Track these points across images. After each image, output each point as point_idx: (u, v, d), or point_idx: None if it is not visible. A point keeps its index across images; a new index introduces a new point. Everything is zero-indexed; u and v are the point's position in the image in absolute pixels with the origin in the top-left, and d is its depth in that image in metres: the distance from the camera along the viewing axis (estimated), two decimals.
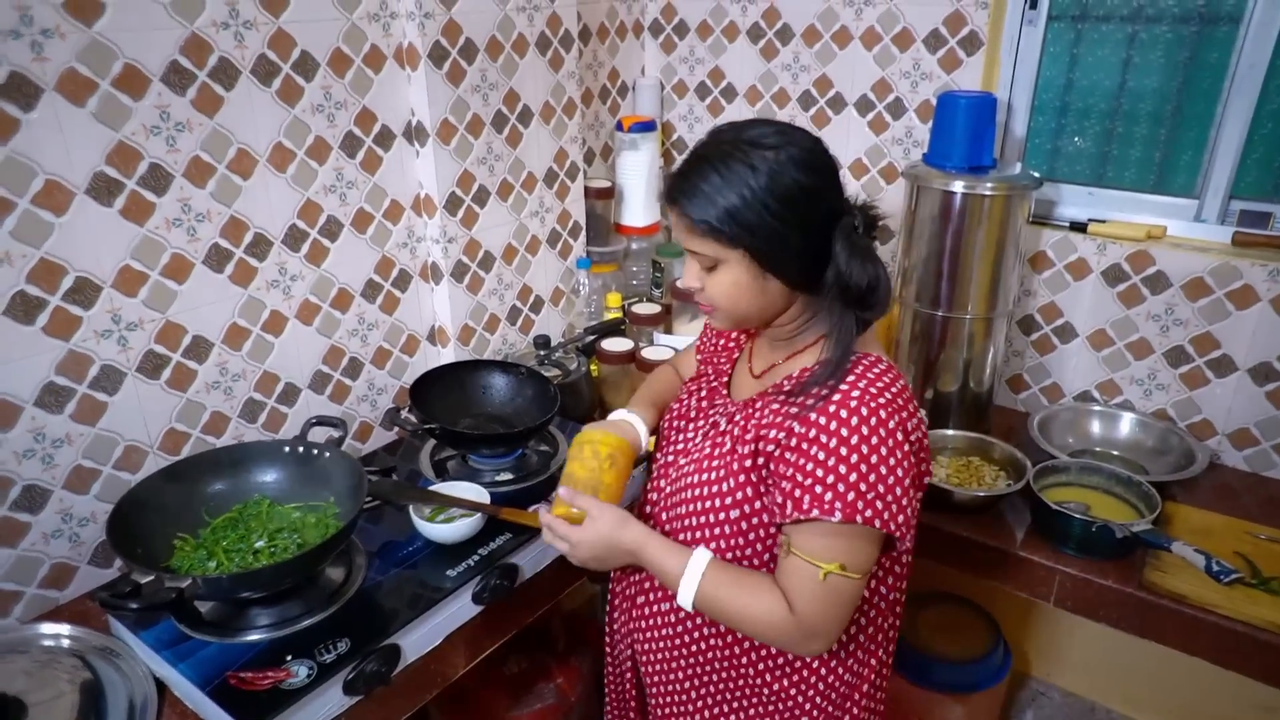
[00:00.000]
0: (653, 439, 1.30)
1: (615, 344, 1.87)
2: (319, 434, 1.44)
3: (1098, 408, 1.84)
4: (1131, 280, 1.76)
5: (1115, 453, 1.77)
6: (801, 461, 0.97)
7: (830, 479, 0.95)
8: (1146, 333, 1.77)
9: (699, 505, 1.10)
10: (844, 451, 0.95)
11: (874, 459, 0.95)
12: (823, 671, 1.13)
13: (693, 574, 1.05)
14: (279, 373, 1.57)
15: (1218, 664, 1.36)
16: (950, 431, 1.76)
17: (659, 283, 2.19)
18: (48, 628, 1.23)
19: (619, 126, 2.09)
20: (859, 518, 0.94)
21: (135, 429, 1.39)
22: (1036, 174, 1.71)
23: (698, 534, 1.10)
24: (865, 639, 1.14)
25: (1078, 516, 1.46)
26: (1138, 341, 1.79)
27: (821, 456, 0.96)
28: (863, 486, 0.94)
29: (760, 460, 1.03)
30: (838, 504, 0.94)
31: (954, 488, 1.59)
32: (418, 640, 1.25)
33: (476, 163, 1.73)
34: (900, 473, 0.96)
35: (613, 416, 1.30)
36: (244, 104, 1.39)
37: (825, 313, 1.04)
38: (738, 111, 2.14)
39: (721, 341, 1.28)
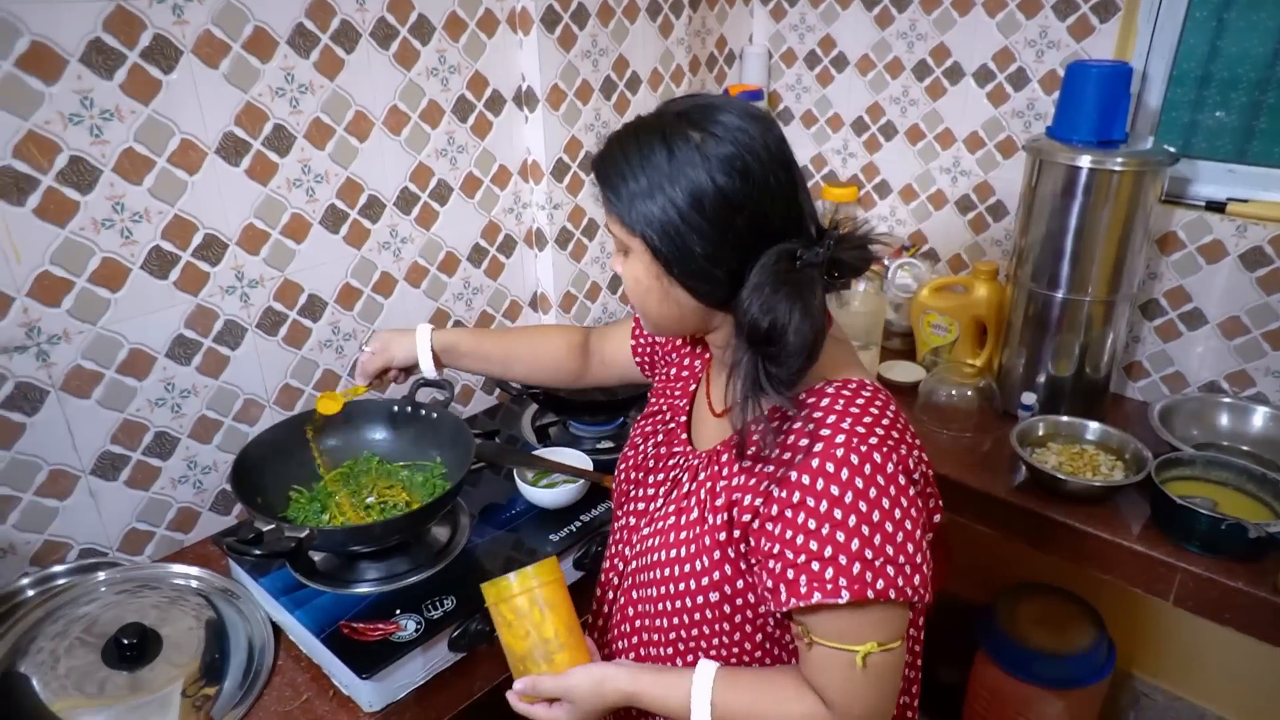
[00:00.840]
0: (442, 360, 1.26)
1: None
2: (426, 395, 1.47)
3: (1227, 399, 1.73)
4: (1275, 264, 1.64)
5: (1245, 448, 1.67)
6: (789, 534, 0.80)
7: (828, 552, 0.78)
8: None
9: (671, 589, 0.92)
10: (838, 514, 0.78)
11: (876, 516, 0.78)
12: None
13: (701, 699, 0.86)
14: None
15: None
16: (1063, 418, 1.69)
17: None
18: (178, 567, 1.29)
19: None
20: (870, 592, 0.77)
21: (254, 383, 1.44)
22: (1171, 149, 1.61)
23: (674, 620, 0.93)
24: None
25: (1205, 512, 1.38)
26: (1277, 330, 1.67)
27: (812, 525, 0.78)
28: (869, 554, 0.78)
29: (737, 533, 0.86)
30: (842, 580, 0.77)
31: (1067, 476, 1.52)
32: None
33: (584, 129, 1.72)
34: (909, 525, 0.79)
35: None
36: (363, 67, 1.41)
37: (734, 346, 0.83)
38: (847, 82, 2.08)
39: (673, 371, 1.10)
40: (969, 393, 1.74)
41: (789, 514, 0.80)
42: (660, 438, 1.04)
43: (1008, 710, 1.89)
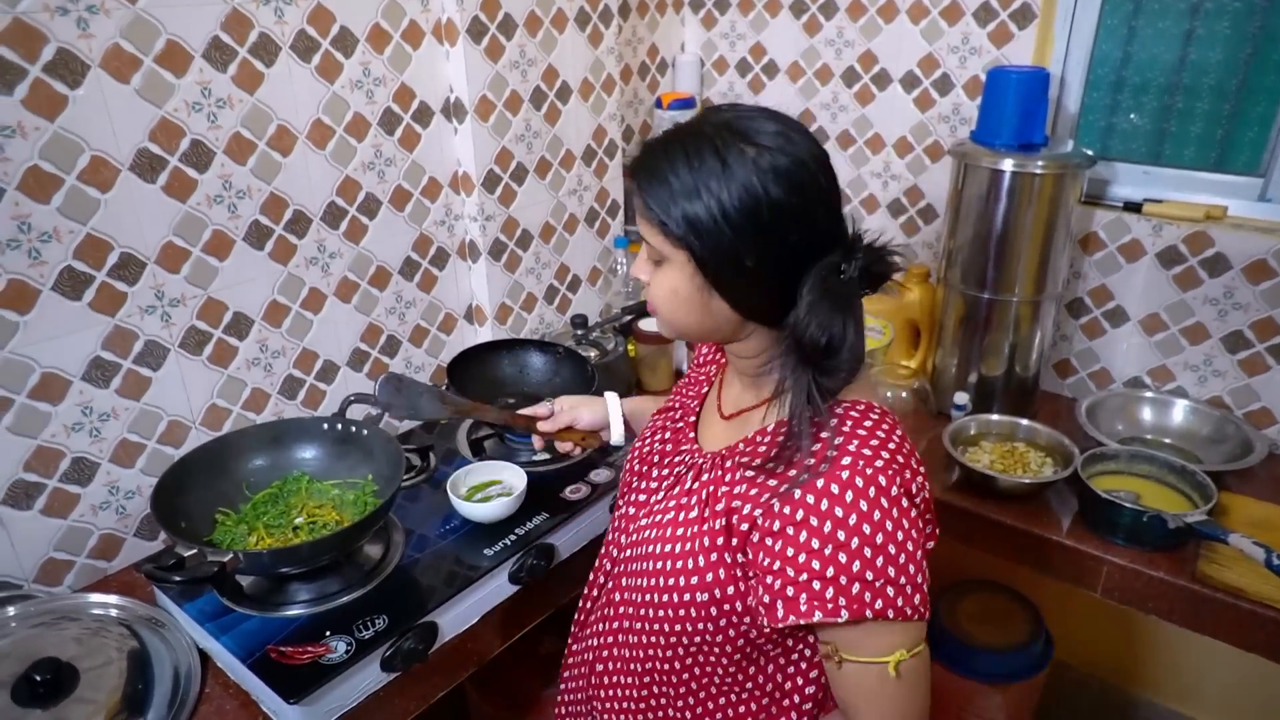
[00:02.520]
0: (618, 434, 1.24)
1: (653, 324, 1.86)
2: (357, 411, 1.45)
3: (1149, 394, 1.79)
4: (1188, 262, 1.70)
5: (1167, 441, 1.72)
6: (790, 552, 0.80)
7: (830, 571, 0.79)
8: (1203, 317, 1.71)
9: (662, 582, 0.92)
10: (841, 535, 0.79)
11: (879, 538, 0.79)
12: None
13: None
14: (318, 350, 1.58)
15: (1277, 660, 1.32)
16: (994, 416, 1.72)
17: None
18: (97, 597, 1.25)
19: (658, 104, 2.06)
20: (868, 612, 0.78)
21: (178, 404, 1.40)
22: (1089, 152, 1.66)
23: (660, 613, 0.93)
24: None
25: (1128, 505, 1.42)
26: (1193, 326, 1.73)
27: (815, 544, 0.79)
28: (869, 575, 0.78)
29: (735, 541, 0.86)
30: (842, 600, 0.78)
31: (998, 474, 1.55)
32: (454, 618, 1.25)
33: (515, 140, 1.71)
34: (911, 546, 0.80)
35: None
36: (284, 80, 1.39)
37: (781, 361, 0.86)
38: (779, 89, 2.10)
39: (692, 373, 1.13)
40: (904, 394, 1.77)
41: (791, 531, 0.80)
42: (669, 434, 1.05)
43: (949, 706, 1.92)
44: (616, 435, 1.23)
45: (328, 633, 1.16)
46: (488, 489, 1.42)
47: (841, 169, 2.07)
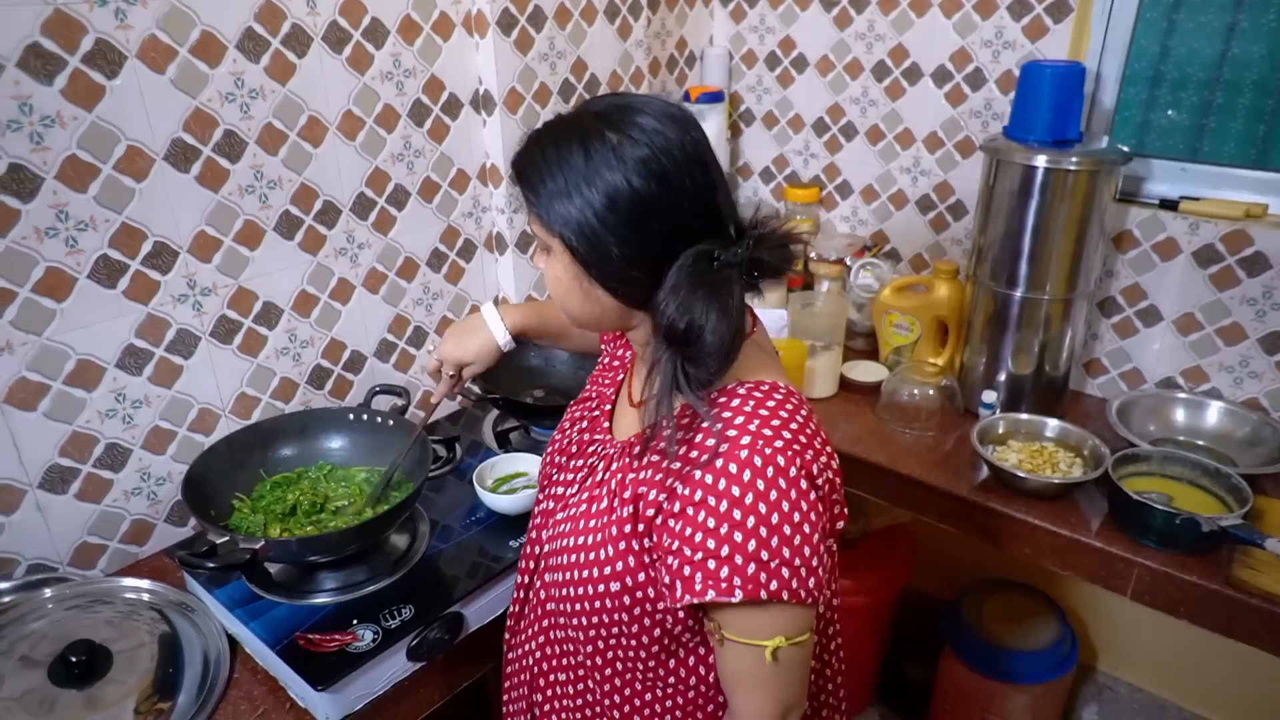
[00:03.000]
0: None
1: None
2: (383, 402, 1.46)
3: (1182, 395, 1.76)
4: (1226, 261, 1.66)
5: (1200, 443, 1.69)
6: (689, 532, 0.81)
7: (725, 551, 0.79)
8: (1240, 317, 1.68)
9: (576, 575, 0.92)
10: (738, 515, 0.79)
11: (775, 518, 0.79)
12: None
13: None
14: (345, 340, 1.59)
15: None
16: (1023, 415, 1.70)
17: None
18: (129, 581, 1.27)
19: (686, 97, 2.05)
20: (763, 593, 0.78)
21: (208, 392, 1.42)
22: (1125, 148, 1.63)
23: (579, 606, 0.93)
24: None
25: (1160, 508, 1.40)
26: (1230, 326, 1.70)
27: (712, 524, 0.79)
28: (764, 555, 0.79)
29: (641, 527, 0.86)
30: (737, 580, 0.79)
31: (1027, 474, 1.54)
32: (480, 609, 1.26)
33: None
34: (808, 529, 0.80)
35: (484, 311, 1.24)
36: (315, 71, 1.40)
37: (653, 347, 0.85)
38: (808, 83, 2.08)
39: (608, 359, 1.13)
40: (931, 392, 1.76)
41: (690, 512, 0.81)
42: (585, 424, 1.05)
43: (974, 706, 1.90)
44: (504, 342, 1.24)
45: (355, 621, 1.17)
46: (513, 481, 1.43)
47: (870, 164, 2.05)
